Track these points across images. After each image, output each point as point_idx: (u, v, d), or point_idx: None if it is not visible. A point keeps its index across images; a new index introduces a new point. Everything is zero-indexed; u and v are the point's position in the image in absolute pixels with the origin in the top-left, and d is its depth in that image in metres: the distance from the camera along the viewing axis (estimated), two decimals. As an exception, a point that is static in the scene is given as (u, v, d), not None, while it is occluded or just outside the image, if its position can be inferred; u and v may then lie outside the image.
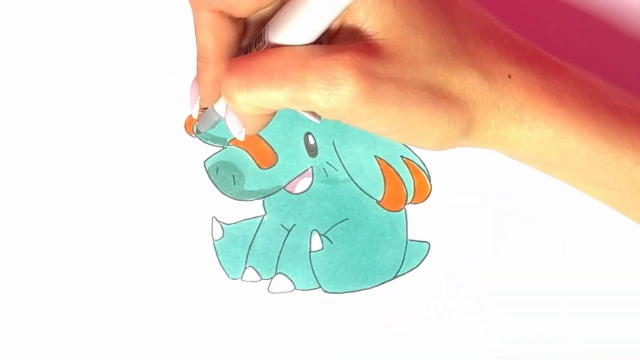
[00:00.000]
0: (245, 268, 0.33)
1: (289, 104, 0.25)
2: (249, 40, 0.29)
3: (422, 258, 0.34)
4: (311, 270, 0.33)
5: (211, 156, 0.34)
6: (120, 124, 0.34)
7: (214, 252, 0.33)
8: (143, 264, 0.33)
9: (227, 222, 0.34)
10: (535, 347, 0.33)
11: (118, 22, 0.34)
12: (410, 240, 0.34)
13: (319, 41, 0.26)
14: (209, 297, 0.33)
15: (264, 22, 0.28)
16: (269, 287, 0.33)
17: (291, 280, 0.33)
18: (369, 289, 0.34)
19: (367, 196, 0.34)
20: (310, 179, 0.34)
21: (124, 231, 0.33)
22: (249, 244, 0.34)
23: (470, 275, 0.34)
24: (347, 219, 0.34)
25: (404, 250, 0.34)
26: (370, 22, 0.25)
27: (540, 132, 0.27)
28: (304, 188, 0.34)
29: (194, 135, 0.34)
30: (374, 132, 0.27)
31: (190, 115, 0.34)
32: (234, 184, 0.34)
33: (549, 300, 0.33)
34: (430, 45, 0.26)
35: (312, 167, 0.34)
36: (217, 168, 0.34)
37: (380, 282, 0.34)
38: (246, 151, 0.34)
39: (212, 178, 0.34)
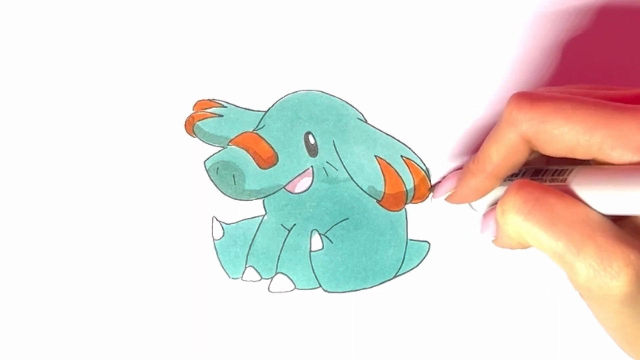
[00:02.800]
0: (246, 268, 0.34)
1: (552, 254, 0.25)
2: (538, 160, 0.29)
3: (422, 258, 0.34)
4: (311, 270, 0.34)
5: (211, 156, 0.34)
6: (120, 124, 0.34)
7: (214, 252, 0.34)
8: (143, 264, 0.33)
9: (227, 222, 0.34)
10: (535, 347, 0.33)
11: (118, 22, 0.34)
12: (410, 240, 0.34)
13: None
14: (209, 297, 0.33)
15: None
16: (269, 286, 0.33)
17: (291, 280, 0.33)
18: (369, 288, 0.34)
19: (367, 196, 0.34)
20: (310, 179, 0.34)
21: (123, 231, 0.34)
22: (249, 244, 0.34)
23: (470, 275, 0.34)
24: (347, 218, 0.34)
25: (404, 250, 0.34)
26: None
27: None
28: (304, 188, 0.34)
29: (193, 135, 0.34)
30: (598, 318, 0.26)
31: (192, 115, 0.34)
32: (234, 183, 0.34)
33: (549, 300, 0.33)
34: None
35: (312, 166, 0.34)
36: (217, 168, 0.34)
37: (380, 282, 0.34)
38: (246, 151, 0.34)
39: (212, 178, 0.34)
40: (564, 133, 0.25)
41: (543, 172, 0.28)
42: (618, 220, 0.25)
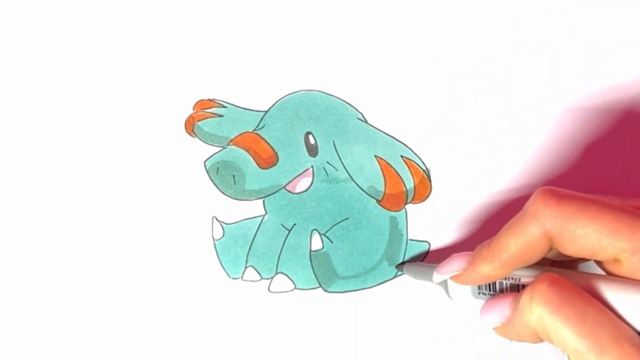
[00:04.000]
0: (246, 267, 0.34)
1: (572, 351, 0.24)
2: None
3: (422, 258, 0.34)
4: (311, 270, 0.34)
5: (211, 156, 0.34)
6: (121, 124, 0.34)
7: (214, 251, 0.34)
8: (143, 264, 0.33)
9: (228, 222, 0.34)
10: (535, 347, 0.33)
11: (118, 22, 0.34)
12: (410, 240, 0.34)
13: None
14: (209, 297, 0.33)
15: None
16: (269, 286, 0.33)
17: (291, 280, 0.34)
18: (369, 288, 0.34)
19: (367, 196, 0.34)
20: (310, 179, 0.34)
21: (124, 231, 0.34)
22: (249, 244, 0.34)
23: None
24: (347, 218, 0.34)
25: (404, 250, 0.34)
26: None
27: None
28: (304, 188, 0.34)
29: (194, 135, 0.34)
30: None
31: (192, 115, 0.34)
32: (234, 183, 0.34)
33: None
34: None
35: (312, 166, 0.34)
36: (218, 168, 0.34)
37: (380, 282, 0.34)
38: (246, 151, 0.34)
39: (212, 178, 0.34)
40: (588, 234, 0.25)
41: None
42: None
